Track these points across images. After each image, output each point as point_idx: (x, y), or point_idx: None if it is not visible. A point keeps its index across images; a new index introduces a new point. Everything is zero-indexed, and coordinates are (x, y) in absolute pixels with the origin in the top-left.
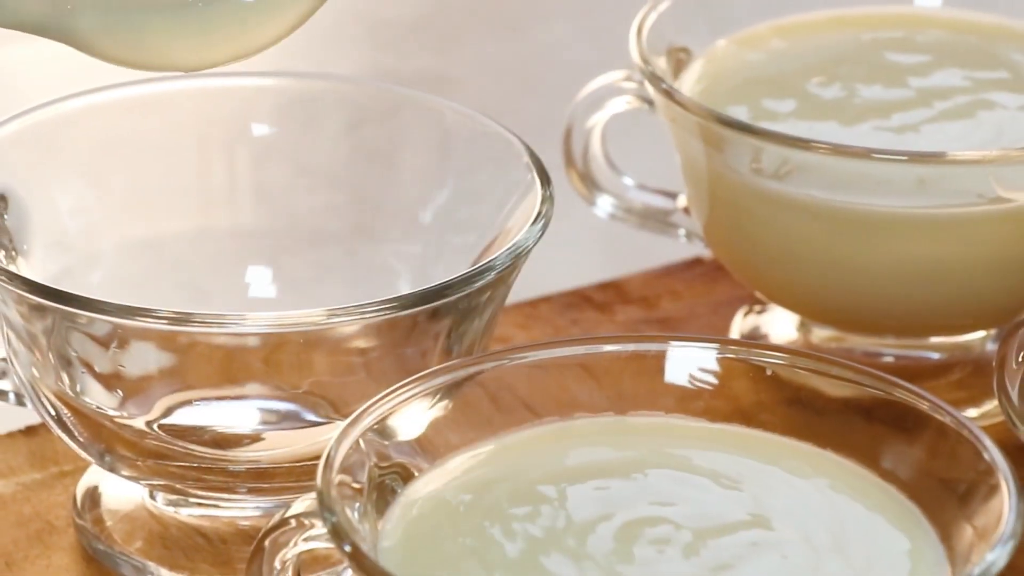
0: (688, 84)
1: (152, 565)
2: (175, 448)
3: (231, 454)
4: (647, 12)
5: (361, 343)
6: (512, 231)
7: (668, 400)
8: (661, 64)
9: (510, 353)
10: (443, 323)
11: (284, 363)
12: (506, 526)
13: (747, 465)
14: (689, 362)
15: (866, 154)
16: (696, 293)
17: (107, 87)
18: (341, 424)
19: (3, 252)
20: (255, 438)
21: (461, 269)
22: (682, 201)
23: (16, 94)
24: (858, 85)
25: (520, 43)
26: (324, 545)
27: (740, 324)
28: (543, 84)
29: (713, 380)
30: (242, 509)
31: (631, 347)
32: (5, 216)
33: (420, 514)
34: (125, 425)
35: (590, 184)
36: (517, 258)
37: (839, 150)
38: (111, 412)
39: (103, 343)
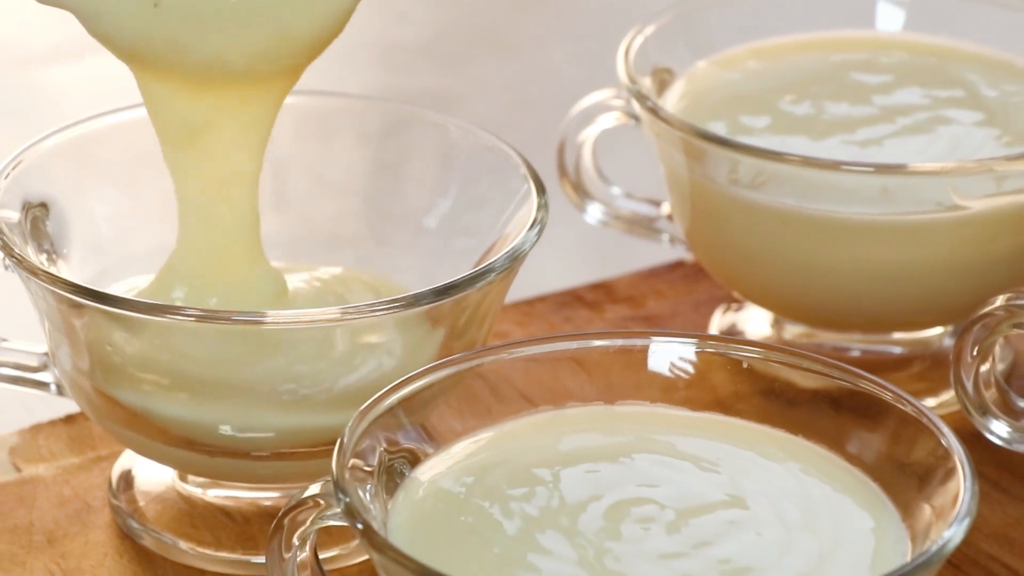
0: (671, 102)
1: (181, 541)
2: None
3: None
4: (633, 36)
5: (372, 338)
6: (510, 236)
7: (653, 391)
8: (646, 83)
9: (508, 348)
10: (447, 320)
11: None
12: (504, 506)
13: (725, 450)
14: (672, 356)
15: (834, 166)
16: (678, 293)
17: (140, 105)
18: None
19: (45, 256)
20: None
21: (463, 271)
22: (666, 209)
23: (57, 111)
24: (826, 103)
25: (518, 65)
26: (338, 523)
27: (719, 321)
28: (538, 102)
29: (694, 372)
30: (264, 491)
31: (619, 342)
32: (47, 223)
33: (426, 495)
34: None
35: (581, 193)
36: (515, 261)
37: (809, 162)
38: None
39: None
